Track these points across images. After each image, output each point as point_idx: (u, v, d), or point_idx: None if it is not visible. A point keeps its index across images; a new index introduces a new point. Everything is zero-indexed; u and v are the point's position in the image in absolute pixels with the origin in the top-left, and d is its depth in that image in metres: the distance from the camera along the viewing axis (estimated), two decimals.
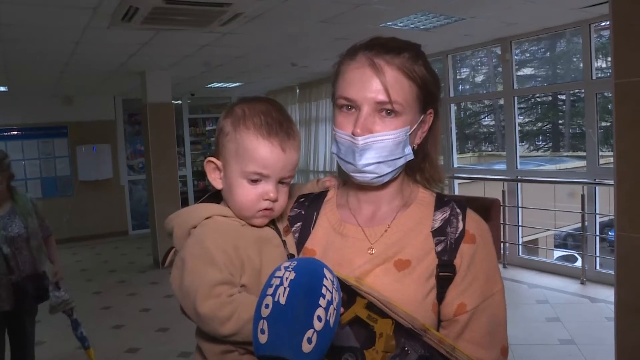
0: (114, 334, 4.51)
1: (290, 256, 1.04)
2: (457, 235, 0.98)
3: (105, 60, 5.67)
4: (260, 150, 0.97)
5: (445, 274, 0.96)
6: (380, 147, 0.95)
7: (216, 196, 1.09)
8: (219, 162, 1.02)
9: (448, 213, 1.01)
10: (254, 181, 0.99)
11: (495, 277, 1.00)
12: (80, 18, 3.91)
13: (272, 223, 1.07)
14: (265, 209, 1.01)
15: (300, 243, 1.07)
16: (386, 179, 1.00)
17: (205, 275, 0.92)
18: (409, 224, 1.01)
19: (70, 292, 5.81)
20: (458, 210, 1.01)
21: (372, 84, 0.94)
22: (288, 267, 0.79)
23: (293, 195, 1.15)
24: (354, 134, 0.95)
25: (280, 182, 1.02)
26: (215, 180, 1.04)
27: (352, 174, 1.00)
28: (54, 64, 5.68)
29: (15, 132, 8.50)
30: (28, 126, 8.51)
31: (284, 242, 1.05)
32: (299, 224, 1.10)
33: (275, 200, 1.01)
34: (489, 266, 0.99)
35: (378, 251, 0.99)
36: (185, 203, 8.87)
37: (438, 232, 0.99)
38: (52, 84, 7.18)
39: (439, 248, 0.98)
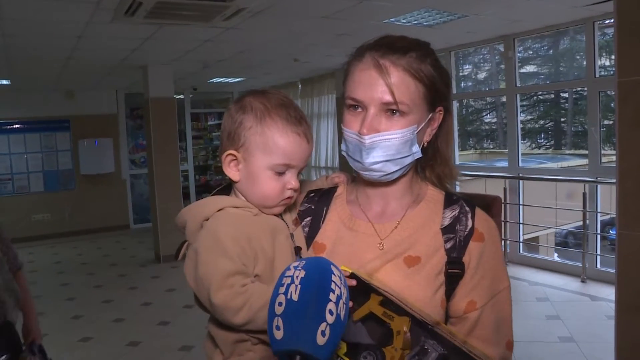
0: (115, 328, 4.53)
1: (297, 249, 1.06)
2: (466, 233, 1.01)
3: (108, 54, 5.67)
4: (291, 143, 1.01)
5: (454, 271, 0.99)
6: (386, 146, 0.97)
7: (226, 190, 1.11)
8: (239, 155, 1.03)
9: (457, 211, 1.04)
10: (280, 173, 1.02)
11: (502, 274, 1.03)
12: (83, 12, 3.90)
13: (280, 215, 1.09)
14: (288, 197, 1.05)
15: (310, 237, 1.09)
16: (394, 176, 1.02)
17: (218, 266, 0.94)
18: (418, 220, 1.04)
19: (71, 285, 5.88)
20: (467, 209, 1.04)
21: (377, 85, 0.96)
22: (297, 266, 0.82)
23: (303, 190, 1.17)
24: (360, 133, 0.97)
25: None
26: (234, 172, 1.05)
27: (360, 172, 1.03)
28: (57, 57, 5.68)
29: (18, 126, 8.51)
30: (30, 120, 8.52)
31: (292, 235, 1.07)
32: (309, 218, 1.12)
33: (297, 189, 1.05)
34: (497, 264, 1.02)
35: (388, 247, 1.02)
36: (186, 197, 8.90)
37: (447, 230, 1.02)
38: (54, 77, 7.18)
39: (448, 245, 1.00)
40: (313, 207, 1.13)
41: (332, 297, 0.78)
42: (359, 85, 0.98)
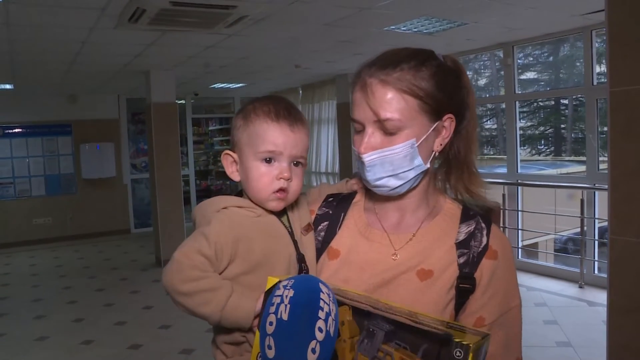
0: (117, 331, 4.56)
1: (301, 257, 1.06)
2: (480, 249, 1.00)
3: (111, 59, 5.73)
4: (269, 131, 1.03)
5: (464, 286, 0.98)
6: (385, 162, 0.98)
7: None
8: (235, 155, 1.08)
9: (473, 227, 1.03)
10: (268, 161, 1.03)
11: (513, 292, 1.02)
12: (87, 19, 3.96)
13: (287, 221, 1.10)
14: (281, 190, 1.04)
15: (326, 242, 1.10)
16: (402, 190, 1.02)
17: (195, 240, 0.99)
18: (433, 234, 1.04)
19: (73, 289, 5.91)
20: (483, 225, 1.03)
21: (367, 105, 0.97)
22: (287, 285, 0.84)
23: (322, 194, 1.19)
24: (359, 153, 1.00)
25: (295, 164, 1.06)
26: (233, 173, 1.09)
27: (370, 188, 1.05)
28: (60, 63, 5.74)
29: (20, 130, 8.56)
30: (32, 124, 8.57)
31: (295, 242, 1.07)
32: (325, 223, 1.13)
33: (289, 180, 1.04)
34: (509, 282, 1.02)
35: (402, 258, 1.02)
36: (187, 202, 8.92)
37: (462, 245, 1.01)
38: (57, 82, 7.24)
39: (462, 260, 1.00)
40: (331, 212, 1.14)
41: (321, 314, 0.80)
42: (355, 106, 1.00)
